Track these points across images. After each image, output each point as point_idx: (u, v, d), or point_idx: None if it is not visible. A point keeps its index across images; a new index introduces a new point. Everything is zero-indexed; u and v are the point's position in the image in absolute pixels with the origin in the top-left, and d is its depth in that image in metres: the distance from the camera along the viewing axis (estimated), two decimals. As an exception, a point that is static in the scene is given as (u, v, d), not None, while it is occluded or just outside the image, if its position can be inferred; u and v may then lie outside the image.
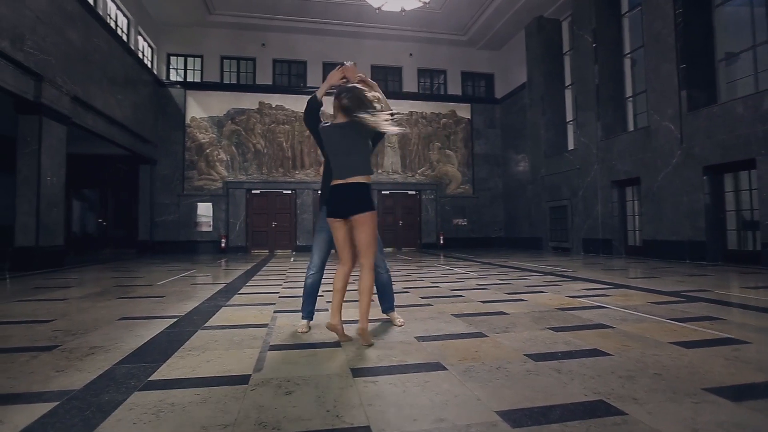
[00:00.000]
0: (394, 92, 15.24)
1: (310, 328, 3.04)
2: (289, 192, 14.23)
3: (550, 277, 6.01)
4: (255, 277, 6.53)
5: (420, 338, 2.74)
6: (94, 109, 9.05)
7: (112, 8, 10.65)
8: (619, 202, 10.48)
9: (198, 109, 13.54)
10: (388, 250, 14.66)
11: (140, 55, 12.38)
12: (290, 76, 14.75)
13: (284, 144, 14.23)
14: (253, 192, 14.00)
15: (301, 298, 3.12)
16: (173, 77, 13.88)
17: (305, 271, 2.99)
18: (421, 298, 4.35)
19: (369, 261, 2.59)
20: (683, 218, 8.41)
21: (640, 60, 10.15)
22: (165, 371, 2.17)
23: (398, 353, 2.42)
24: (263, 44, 14.26)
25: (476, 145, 15.69)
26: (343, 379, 2.02)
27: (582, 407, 1.66)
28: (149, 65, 12.99)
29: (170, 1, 12.25)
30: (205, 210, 13.47)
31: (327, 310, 3.74)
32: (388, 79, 15.50)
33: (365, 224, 2.54)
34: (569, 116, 12.94)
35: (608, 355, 2.33)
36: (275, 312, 3.66)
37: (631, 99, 10.74)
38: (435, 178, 15.29)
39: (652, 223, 9.22)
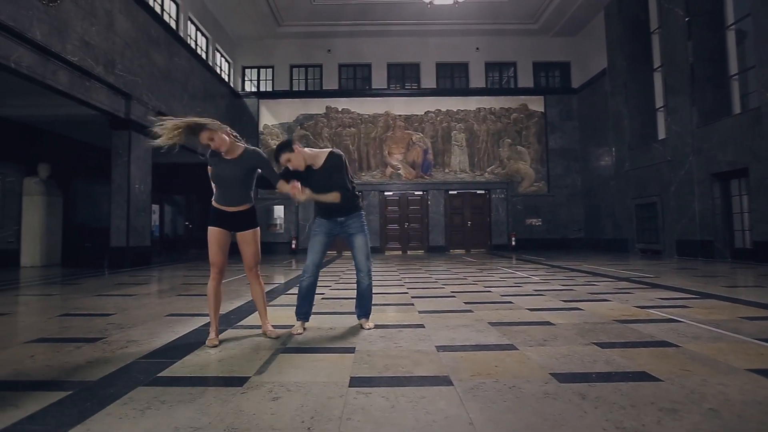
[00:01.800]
0: (460, 89, 14.81)
1: (305, 329, 3.01)
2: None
3: (623, 284, 5.32)
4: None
5: (441, 348, 2.53)
6: (177, 122, 9.98)
7: (192, 29, 11.72)
8: (721, 198, 9.05)
9: (270, 116, 14.36)
10: (458, 251, 14.26)
11: (218, 69, 13.46)
12: (355, 80, 15.02)
13: (350, 146, 14.52)
14: (321, 194, 14.47)
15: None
16: (248, 88, 14.89)
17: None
18: (465, 303, 4.08)
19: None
20: (805, 215, 6.99)
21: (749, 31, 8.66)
22: (176, 368, 2.23)
23: (409, 363, 2.25)
24: (329, 50, 14.71)
25: (551, 139, 14.63)
26: (336, 388, 1.91)
27: (591, 446, 1.37)
28: (226, 78, 14.08)
29: (243, 17, 13.15)
30: (278, 212, 14.23)
31: (352, 313, 3.66)
32: (454, 75, 15.09)
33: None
34: (658, 102, 11.51)
35: (657, 380, 1.93)
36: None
37: (736, 77, 9.22)
38: (506, 176, 14.54)
39: (765, 222, 7.81)
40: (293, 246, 13.91)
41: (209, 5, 12.41)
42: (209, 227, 2.78)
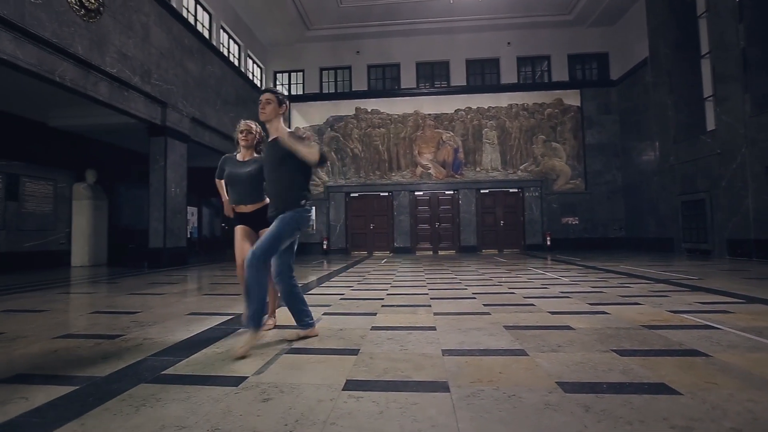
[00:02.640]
0: (491, 85, 14.46)
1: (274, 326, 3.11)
2: (386, 194, 14.47)
3: (660, 286, 4.98)
4: (335, 278, 6.71)
5: (447, 352, 2.44)
6: (209, 127, 10.37)
7: (224, 37, 12.12)
8: (778, 193, 8.31)
9: (301, 119, 14.61)
10: (490, 252, 13.94)
11: (250, 75, 13.85)
12: (384, 80, 15.01)
13: (380, 147, 14.53)
14: (351, 195, 14.57)
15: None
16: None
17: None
18: (484, 305, 3.94)
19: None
20: None
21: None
22: (181, 366, 2.27)
23: (409, 367, 2.18)
24: (358, 52, 14.78)
25: (588, 134, 14.00)
26: (329, 390, 1.88)
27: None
28: (258, 84, 14.46)
29: (273, 23, 13.47)
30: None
31: (366, 314, 3.62)
32: (485, 72, 14.76)
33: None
34: (706, 91, 10.73)
35: (675, 393, 1.76)
36: (324, 314, 3.65)
37: (794, 61, 8.44)
38: (540, 173, 14.06)
39: (828, 219, 7.09)
40: (324, 246, 14.08)
41: (241, 13, 12.79)
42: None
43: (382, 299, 4.40)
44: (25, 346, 2.71)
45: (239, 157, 3.11)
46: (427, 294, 4.75)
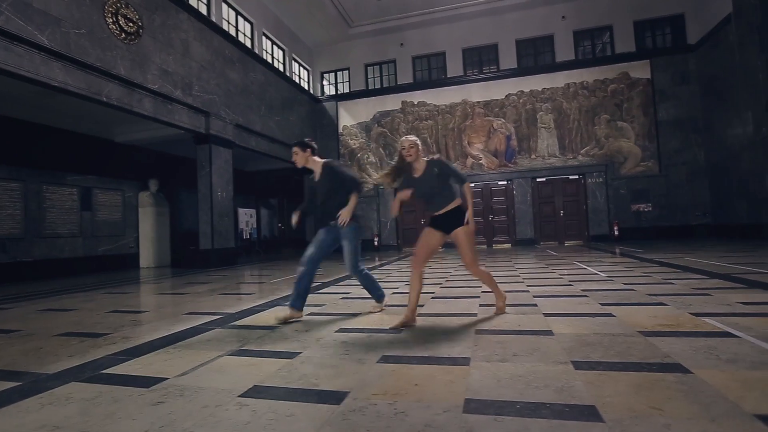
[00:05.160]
0: (545, 65, 13.40)
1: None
2: (435, 187, 14.12)
3: (713, 282, 4.23)
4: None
5: (384, 359, 2.26)
6: (255, 132, 10.88)
7: (267, 44, 12.63)
8: None
9: (348, 117, 14.78)
10: (550, 244, 13.00)
11: (297, 78, 14.30)
12: (430, 71, 14.63)
13: (428, 139, 14.20)
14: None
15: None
16: (327, 92, 15.55)
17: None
18: (480, 306, 3.63)
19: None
20: None
21: None
22: (123, 366, 2.35)
23: (325, 373, 2.05)
24: (401, 44, 14.56)
25: (661, 109, 12.40)
26: (225, 396, 1.82)
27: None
28: (306, 86, 14.89)
29: (315, 25, 13.76)
30: (359, 211, 14.61)
31: (404, 305, 3.51)
32: (538, 51, 13.73)
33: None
34: (808, 46, 8.92)
35: (597, 420, 1.44)
36: (309, 314, 3.61)
37: None
38: (604, 157, 12.76)
39: None
40: (375, 243, 14.14)
41: (283, 18, 13.24)
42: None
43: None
44: (22, 343, 3.01)
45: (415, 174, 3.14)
46: (433, 292, 4.50)
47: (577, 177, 13.09)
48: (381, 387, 1.85)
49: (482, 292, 4.34)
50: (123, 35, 7.00)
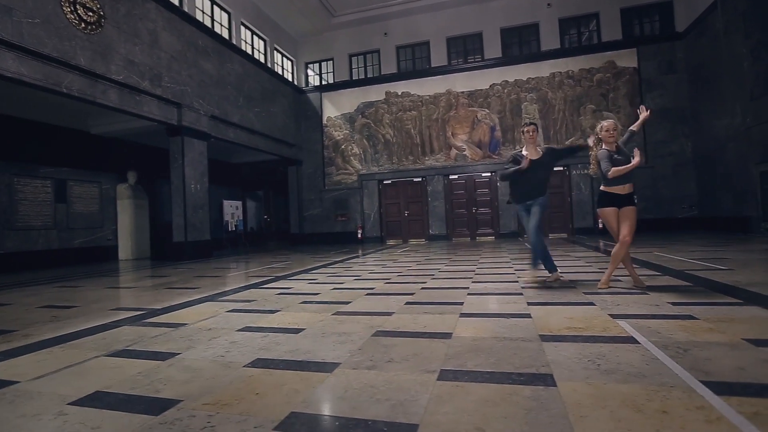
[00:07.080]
0: (530, 54, 13.13)
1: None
2: (420, 179, 13.98)
3: (661, 280, 4.13)
4: (328, 270, 6.56)
5: (254, 362, 2.17)
6: (233, 123, 10.75)
7: (247, 34, 12.42)
8: None
9: (332, 108, 14.60)
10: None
11: (280, 69, 14.10)
12: (414, 60, 14.38)
13: (412, 131, 14.02)
14: (384, 182, 14.31)
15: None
16: (312, 83, 15.35)
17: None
18: (405, 305, 3.54)
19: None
20: None
21: None
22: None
23: (181, 375, 1.96)
24: (385, 33, 14.30)
25: (648, 99, 12.13)
26: (55, 401, 1.74)
27: None
28: (290, 77, 14.70)
29: (297, 14, 13.51)
30: (343, 202, 14.49)
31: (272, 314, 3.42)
32: (522, 40, 13.44)
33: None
34: (793, 33, 8.64)
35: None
36: (228, 311, 3.52)
37: None
38: (589, 148, 12.52)
39: None
40: (359, 236, 14.06)
41: (264, 8, 13.00)
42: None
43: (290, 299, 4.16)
44: (-73, 342, 2.95)
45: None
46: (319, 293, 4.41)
47: (561, 169, 12.89)
48: (221, 395, 1.77)
49: (423, 287, 4.25)
50: (83, 25, 6.86)
